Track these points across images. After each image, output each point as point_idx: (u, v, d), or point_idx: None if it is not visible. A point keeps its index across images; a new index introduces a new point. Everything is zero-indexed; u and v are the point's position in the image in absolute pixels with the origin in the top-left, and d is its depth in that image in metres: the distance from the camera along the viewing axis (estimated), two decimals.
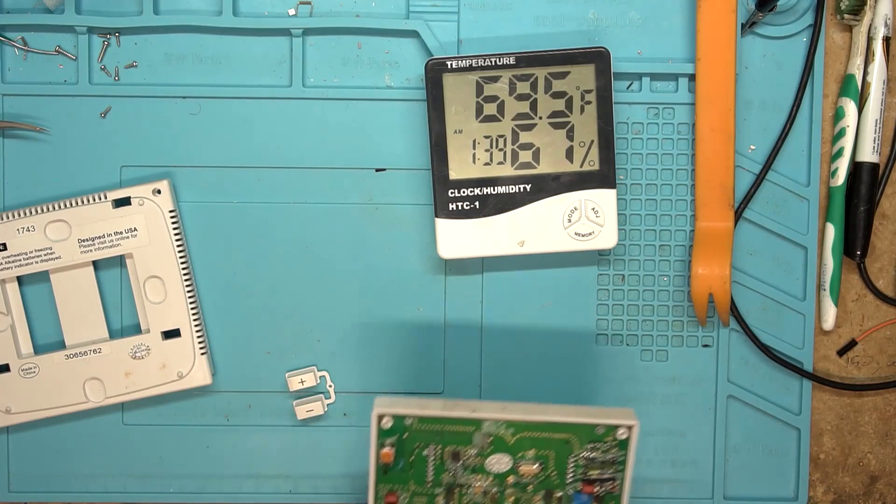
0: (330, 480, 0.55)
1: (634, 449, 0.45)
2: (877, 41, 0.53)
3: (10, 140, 0.53)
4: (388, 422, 0.44)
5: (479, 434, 0.45)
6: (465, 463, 0.45)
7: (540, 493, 0.46)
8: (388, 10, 0.53)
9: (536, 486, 0.45)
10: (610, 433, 0.44)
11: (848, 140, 0.53)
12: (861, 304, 0.55)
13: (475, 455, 0.45)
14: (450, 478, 0.45)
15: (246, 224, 0.54)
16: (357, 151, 0.53)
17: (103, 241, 0.52)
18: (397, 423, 0.45)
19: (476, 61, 0.50)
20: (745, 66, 0.54)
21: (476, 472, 0.45)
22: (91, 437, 0.54)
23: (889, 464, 0.56)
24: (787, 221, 0.54)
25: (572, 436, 0.45)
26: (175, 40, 0.53)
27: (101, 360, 0.52)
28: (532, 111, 0.51)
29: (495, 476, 0.45)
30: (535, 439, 0.45)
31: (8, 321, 0.52)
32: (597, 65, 0.50)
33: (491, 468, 0.45)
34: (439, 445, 0.45)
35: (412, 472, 0.45)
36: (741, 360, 0.55)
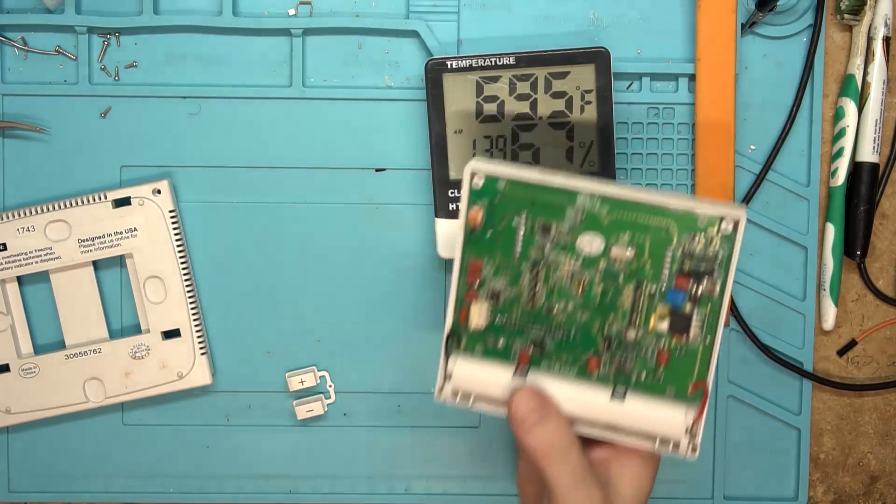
0: (330, 480, 0.55)
1: (739, 248, 0.40)
2: (877, 41, 0.53)
3: (10, 140, 0.53)
4: (480, 180, 0.42)
5: (572, 208, 0.41)
6: (556, 239, 0.42)
7: (630, 285, 0.42)
8: (388, 10, 0.53)
9: (627, 276, 0.41)
10: (713, 225, 0.40)
11: (848, 140, 0.53)
12: (861, 304, 0.55)
13: (567, 231, 0.41)
14: (538, 254, 0.42)
15: (246, 224, 0.54)
16: (357, 151, 0.53)
17: (103, 241, 0.52)
18: (489, 184, 0.41)
19: (476, 61, 0.50)
20: (745, 66, 0.54)
21: (566, 251, 0.42)
22: (91, 437, 0.54)
23: (889, 464, 0.56)
24: (787, 221, 0.54)
25: (671, 223, 0.41)
26: (175, 40, 0.53)
27: (101, 360, 0.52)
28: (532, 111, 0.51)
29: (585, 259, 0.42)
30: (630, 222, 0.41)
31: (8, 321, 0.52)
32: (597, 65, 0.50)
33: (582, 249, 0.41)
34: (530, 216, 0.42)
35: (499, 243, 0.42)
36: (741, 360, 0.55)
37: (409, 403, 0.55)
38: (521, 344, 0.43)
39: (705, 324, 0.41)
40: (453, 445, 0.55)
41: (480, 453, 0.55)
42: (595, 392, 0.43)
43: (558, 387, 0.43)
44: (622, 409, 0.42)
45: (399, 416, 0.55)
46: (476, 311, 0.43)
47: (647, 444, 0.42)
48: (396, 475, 0.55)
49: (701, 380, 0.42)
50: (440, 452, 0.55)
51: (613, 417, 0.42)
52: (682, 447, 0.42)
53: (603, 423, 0.43)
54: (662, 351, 0.42)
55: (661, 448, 0.42)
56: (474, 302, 0.43)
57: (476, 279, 0.43)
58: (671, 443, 0.42)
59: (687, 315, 0.41)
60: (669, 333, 0.42)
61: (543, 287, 0.42)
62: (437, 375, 0.44)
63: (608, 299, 0.42)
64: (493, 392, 0.43)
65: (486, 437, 0.55)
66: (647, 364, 0.42)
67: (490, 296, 0.43)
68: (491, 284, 0.43)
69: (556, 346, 0.43)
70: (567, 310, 0.42)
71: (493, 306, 0.43)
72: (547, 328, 0.43)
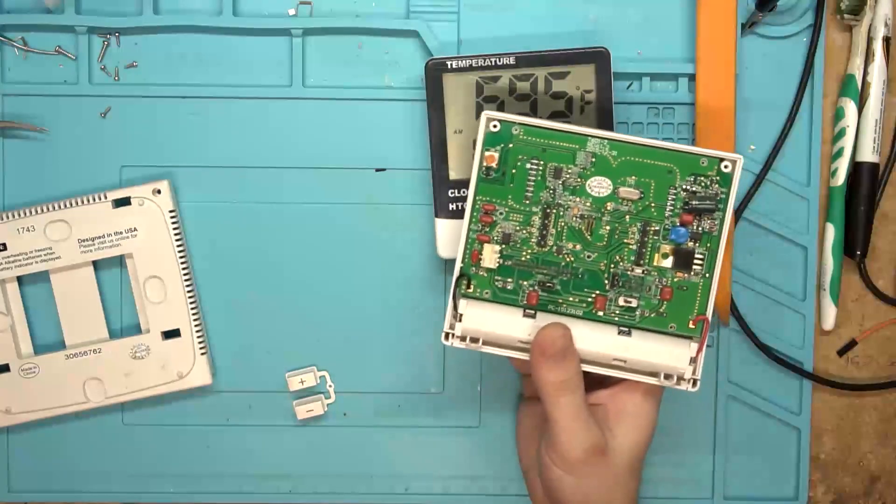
0: (330, 480, 0.55)
1: (736, 186, 0.44)
2: (877, 41, 0.53)
3: (10, 140, 0.53)
4: (497, 126, 0.45)
5: (582, 153, 0.44)
6: (566, 182, 0.45)
7: (637, 224, 0.45)
8: (388, 10, 0.53)
9: (634, 216, 0.45)
10: (713, 166, 0.44)
11: (848, 140, 0.53)
12: (861, 304, 0.55)
13: (577, 175, 0.45)
14: (549, 196, 0.45)
15: (246, 224, 0.54)
16: (357, 151, 0.53)
17: (103, 241, 0.52)
18: (504, 129, 0.45)
19: (476, 61, 0.50)
20: (745, 66, 0.54)
21: (575, 193, 0.45)
22: (91, 437, 0.54)
23: (889, 464, 0.56)
24: (787, 221, 0.54)
25: (675, 166, 0.44)
26: (175, 40, 0.53)
27: (101, 360, 0.52)
28: (532, 111, 0.51)
29: (594, 200, 0.45)
30: (637, 164, 0.44)
31: (8, 321, 0.52)
32: (597, 65, 0.50)
33: (591, 190, 0.45)
34: (542, 161, 0.45)
35: (512, 186, 0.45)
36: (741, 360, 0.55)
37: (409, 403, 0.55)
38: (530, 285, 0.46)
39: (706, 260, 0.45)
40: (453, 445, 0.55)
41: (480, 453, 0.55)
42: (601, 330, 0.45)
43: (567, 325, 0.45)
44: (627, 345, 0.45)
45: (399, 416, 0.55)
46: (489, 251, 0.45)
47: (651, 379, 0.45)
48: (396, 475, 0.55)
49: (701, 313, 0.45)
50: (440, 452, 0.55)
51: (620, 353, 0.45)
52: (687, 375, 0.45)
53: (609, 359, 0.45)
54: (666, 287, 0.45)
55: (665, 381, 0.45)
56: (487, 243, 0.45)
57: (489, 221, 0.45)
58: (674, 377, 0.45)
59: (689, 251, 0.45)
60: (672, 270, 0.45)
61: (553, 229, 0.45)
62: (446, 318, 0.46)
63: (615, 239, 0.45)
64: (504, 333, 0.46)
65: (486, 437, 0.55)
66: (650, 300, 0.45)
67: (501, 238, 0.45)
68: (502, 226, 0.45)
69: (564, 286, 0.46)
70: (575, 250, 0.45)
71: (504, 248, 0.45)
72: (555, 269, 0.45)
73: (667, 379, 0.45)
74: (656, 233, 0.45)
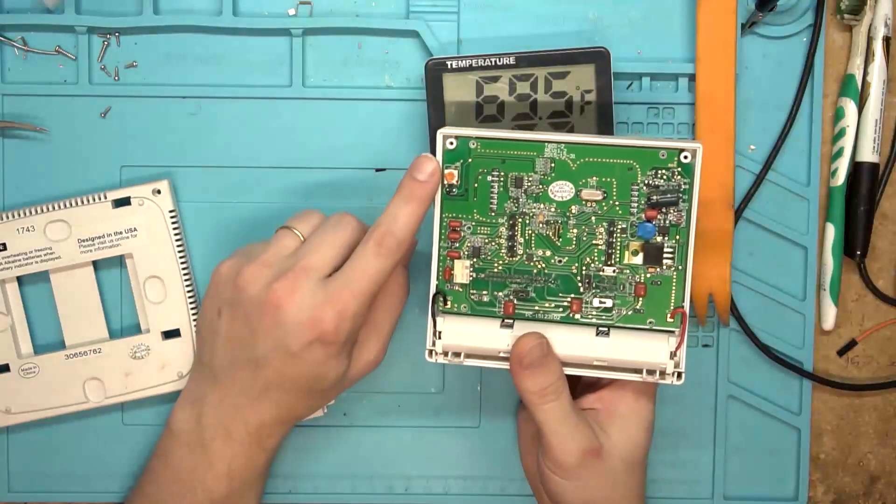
0: (330, 480, 0.55)
1: (699, 176, 0.43)
2: (877, 41, 0.53)
3: (10, 140, 0.53)
4: (453, 142, 0.45)
5: (541, 159, 0.44)
6: (528, 190, 0.45)
7: (603, 224, 0.45)
8: (388, 10, 0.53)
9: (599, 216, 0.45)
10: (673, 157, 0.43)
11: (848, 140, 0.53)
12: (861, 304, 0.55)
13: (538, 181, 0.45)
14: (513, 206, 0.45)
15: (246, 224, 0.54)
16: (357, 151, 0.53)
17: (103, 241, 0.52)
18: (461, 145, 0.45)
19: (476, 61, 0.50)
20: (745, 66, 0.54)
21: (539, 200, 0.45)
22: (91, 437, 0.54)
23: (889, 464, 0.56)
24: (787, 221, 0.54)
25: (634, 162, 0.44)
26: (175, 40, 0.53)
27: (101, 360, 0.52)
28: (532, 111, 0.51)
29: (558, 205, 0.45)
30: (597, 164, 0.44)
31: (8, 321, 0.52)
32: (597, 65, 0.50)
33: (554, 196, 0.45)
34: (502, 172, 0.45)
35: (476, 200, 0.45)
36: (741, 360, 0.55)
37: (409, 403, 0.55)
38: (505, 295, 0.46)
39: (676, 252, 0.44)
40: (453, 445, 0.55)
41: (480, 453, 0.55)
42: (580, 333, 0.45)
43: (545, 332, 0.45)
44: (607, 345, 0.45)
45: (399, 416, 0.55)
46: (460, 267, 0.46)
47: (634, 376, 0.45)
48: (396, 475, 0.55)
49: (678, 306, 0.45)
50: (440, 452, 0.55)
51: (601, 354, 0.45)
52: (669, 370, 0.44)
53: (590, 361, 0.45)
54: (639, 284, 0.45)
55: (648, 377, 0.44)
56: (457, 260, 0.46)
57: (457, 237, 0.46)
58: (657, 372, 0.44)
59: (658, 245, 0.44)
60: (644, 266, 0.45)
61: (521, 238, 0.45)
62: (427, 336, 0.46)
63: (583, 241, 0.45)
64: (483, 345, 0.46)
65: (486, 437, 0.55)
66: (626, 298, 0.45)
67: (471, 252, 0.46)
68: (471, 241, 0.46)
69: (539, 293, 0.46)
70: (545, 256, 0.45)
71: (475, 262, 0.46)
72: (528, 277, 0.46)
73: (649, 375, 0.45)
74: (623, 231, 0.45)
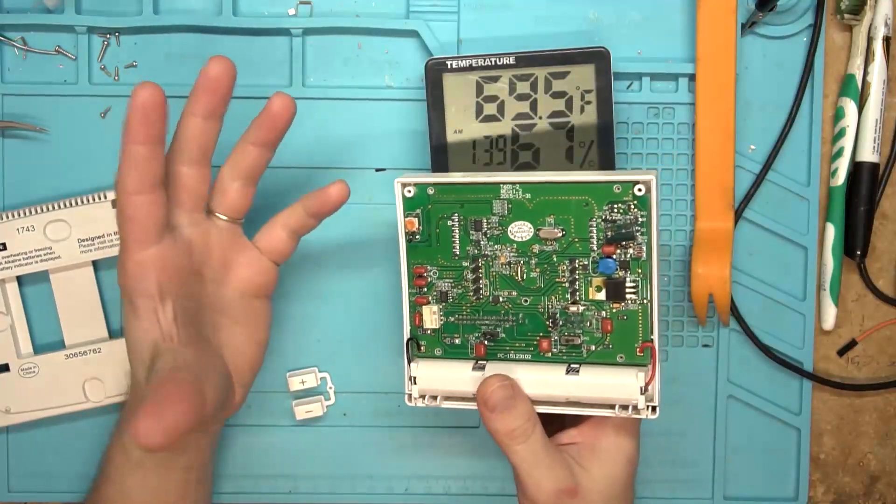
0: (330, 480, 0.55)
1: (657, 208, 0.42)
2: (877, 41, 0.53)
3: (10, 140, 0.53)
4: (411, 190, 0.45)
5: (498, 201, 0.44)
6: (488, 232, 0.45)
7: (564, 262, 0.44)
8: (388, 10, 0.53)
9: (560, 254, 0.44)
10: (628, 191, 0.42)
11: (848, 140, 0.53)
12: (861, 304, 0.55)
13: (497, 223, 0.44)
14: (474, 249, 0.45)
15: (246, 224, 0.53)
16: (357, 151, 0.53)
17: (103, 241, 0.52)
18: (420, 192, 0.45)
19: (476, 61, 0.50)
20: (745, 66, 0.54)
21: (500, 241, 0.45)
22: (91, 437, 0.54)
23: (889, 464, 0.56)
24: (787, 221, 0.54)
25: (590, 198, 0.43)
26: (175, 40, 0.53)
27: (101, 360, 0.52)
28: (532, 111, 0.51)
29: (519, 245, 0.44)
30: (553, 202, 0.44)
31: (8, 321, 0.52)
32: (597, 65, 0.50)
33: (514, 236, 0.44)
34: (462, 215, 0.45)
35: (438, 245, 0.45)
36: (741, 360, 0.55)
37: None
38: (475, 338, 0.46)
39: (640, 286, 0.43)
40: (453, 445, 0.55)
41: (480, 453, 0.55)
42: (551, 371, 0.45)
43: (515, 372, 0.45)
44: (577, 382, 0.44)
45: (399, 416, 0.55)
46: (427, 313, 0.46)
47: (607, 412, 0.44)
48: (396, 475, 0.55)
49: (646, 341, 0.44)
50: (440, 452, 0.55)
51: (571, 392, 0.44)
52: (641, 407, 0.43)
53: (562, 399, 0.44)
54: (605, 319, 0.44)
55: (620, 412, 0.43)
56: (425, 305, 0.46)
57: (423, 283, 0.46)
58: (630, 406, 0.43)
59: (620, 281, 0.43)
60: (608, 302, 0.44)
61: (486, 280, 0.45)
62: (405, 381, 0.46)
63: (546, 280, 0.45)
64: (458, 388, 0.46)
65: (486, 437, 0.55)
66: (593, 335, 0.44)
67: (439, 297, 0.46)
68: (437, 286, 0.46)
69: (508, 334, 0.45)
70: (511, 297, 0.45)
71: (443, 307, 0.46)
72: (497, 318, 0.45)
73: (622, 410, 0.43)
74: (585, 267, 0.44)
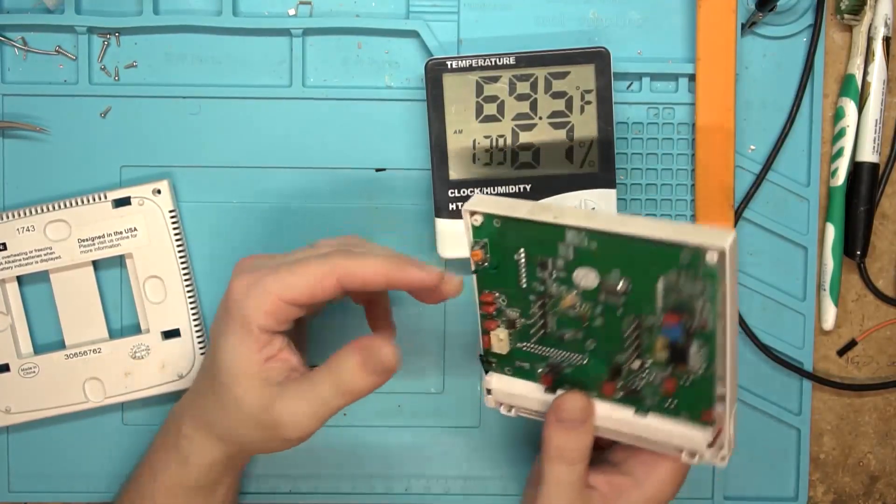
0: (330, 480, 0.55)
1: (731, 278, 0.37)
2: (877, 41, 0.53)
3: (10, 140, 0.53)
4: (479, 219, 0.43)
5: (563, 244, 0.41)
6: (553, 273, 0.42)
7: (629, 318, 0.41)
8: (388, 10, 0.53)
9: (626, 308, 0.41)
10: (697, 258, 0.37)
11: (848, 140, 0.53)
12: (861, 304, 0.55)
13: (562, 266, 0.41)
14: (541, 286, 0.42)
15: (246, 224, 0.54)
16: (357, 151, 0.53)
17: (103, 241, 0.52)
18: (487, 222, 0.42)
19: (476, 61, 0.50)
20: (745, 66, 0.54)
21: (564, 284, 0.42)
22: (91, 437, 0.54)
23: (889, 464, 0.56)
24: (787, 221, 0.54)
25: (656, 258, 0.39)
26: (175, 40, 0.53)
27: (101, 360, 0.52)
28: (532, 111, 0.51)
29: (584, 292, 0.41)
30: (619, 256, 0.40)
31: (8, 321, 0.52)
32: (597, 65, 0.50)
33: (578, 282, 0.41)
34: (527, 252, 0.42)
35: (507, 277, 0.43)
36: (741, 360, 0.55)
37: (409, 403, 0.55)
38: (542, 367, 0.45)
39: (704, 354, 0.40)
40: (453, 445, 0.55)
41: (480, 453, 0.55)
42: (618, 408, 0.43)
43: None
44: (645, 424, 0.43)
45: (399, 416, 0.55)
46: (496, 338, 0.45)
47: (674, 453, 0.42)
48: (396, 475, 0.55)
49: (707, 409, 0.41)
50: (440, 452, 0.55)
51: (638, 431, 0.43)
52: (708, 458, 0.41)
53: (628, 435, 0.43)
54: (668, 379, 0.41)
55: (687, 458, 0.42)
56: (494, 330, 0.45)
57: (492, 309, 0.44)
58: (697, 454, 0.42)
59: (683, 347, 0.40)
60: (672, 363, 0.41)
61: (553, 317, 0.43)
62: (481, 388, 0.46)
63: (611, 331, 0.42)
64: (529, 405, 0.45)
65: (486, 437, 0.55)
66: (657, 391, 0.42)
67: (508, 324, 0.45)
68: (507, 313, 0.44)
69: (574, 372, 0.44)
70: (577, 338, 0.43)
71: (511, 333, 0.45)
72: (563, 354, 0.44)
73: (689, 456, 0.41)
74: (650, 327, 0.40)
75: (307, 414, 0.42)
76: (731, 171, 0.52)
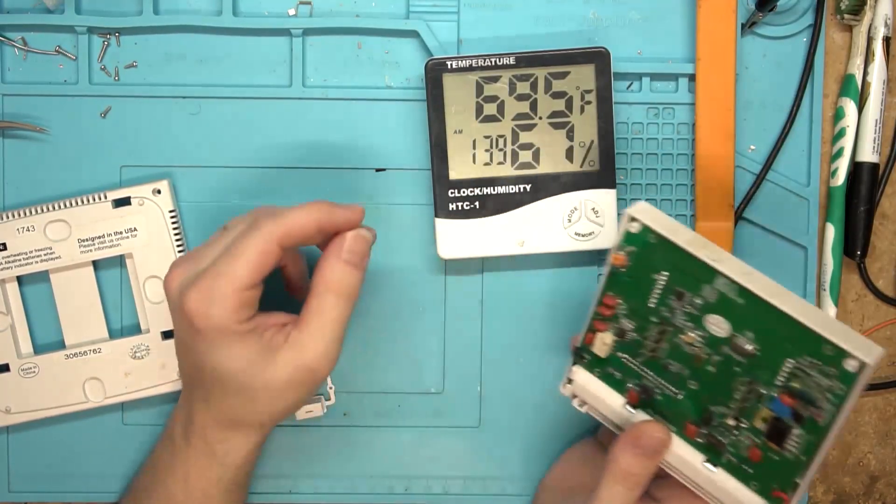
0: (330, 480, 0.55)
1: (860, 389, 0.38)
2: (877, 41, 0.53)
3: (10, 140, 0.53)
4: (637, 227, 0.43)
5: (710, 287, 0.41)
6: (686, 308, 0.42)
7: (744, 379, 0.41)
8: (388, 10, 0.53)
9: (744, 369, 0.41)
10: (838, 358, 0.38)
11: (848, 140, 0.53)
12: (861, 304, 0.55)
13: (699, 305, 0.41)
14: (667, 313, 0.43)
15: None
16: (357, 151, 0.53)
17: (103, 241, 0.52)
18: (643, 233, 0.42)
19: (476, 61, 0.50)
20: (745, 66, 0.54)
21: (693, 322, 0.42)
22: (91, 437, 0.54)
23: (889, 464, 0.56)
24: (787, 221, 0.54)
25: (798, 338, 0.39)
26: (175, 40, 0.53)
27: (101, 360, 0.52)
28: (532, 111, 0.51)
29: (709, 338, 0.42)
30: (760, 320, 0.40)
31: (8, 321, 0.52)
32: (597, 65, 0.50)
33: (708, 326, 0.41)
34: (670, 278, 0.42)
35: (638, 290, 0.43)
36: None
37: (409, 403, 0.55)
38: (633, 384, 0.45)
39: (802, 444, 0.40)
40: (453, 445, 0.55)
41: (480, 453, 0.55)
42: (691, 451, 0.44)
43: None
44: (711, 476, 0.43)
45: (399, 416, 0.55)
46: (600, 340, 0.45)
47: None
48: (396, 475, 0.55)
49: (783, 490, 0.41)
50: (440, 452, 0.55)
51: (702, 480, 0.43)
52: None
53: (691, 480, 0.44)
54: (755, 448, 0.42)
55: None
56: (601, 332, 0.45)
57: (609, 313, 0.44)
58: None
59: (786, 428, 0.40)
60: (767, 437, 0.41)
61: (667, 345, 0.43)
62: (564, 374, 0.47)
63: (720, 381, 0.42)
64: (603, 410, 0.46)
65: (486, 437, 0.55)
66: (739, 453, 0.42)
67: (617, 332, 0.45)
68: (621, 322, 0.44)
69: (664, 400, 0.44)
70: (682, 373, 0.43)
71: (618, 342, 0.45)
72: (661, 382, 0.44)
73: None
74: (760, 396, 0.41)
75: (327, 340, 0.43)
76: (731, 171, 0.52)
